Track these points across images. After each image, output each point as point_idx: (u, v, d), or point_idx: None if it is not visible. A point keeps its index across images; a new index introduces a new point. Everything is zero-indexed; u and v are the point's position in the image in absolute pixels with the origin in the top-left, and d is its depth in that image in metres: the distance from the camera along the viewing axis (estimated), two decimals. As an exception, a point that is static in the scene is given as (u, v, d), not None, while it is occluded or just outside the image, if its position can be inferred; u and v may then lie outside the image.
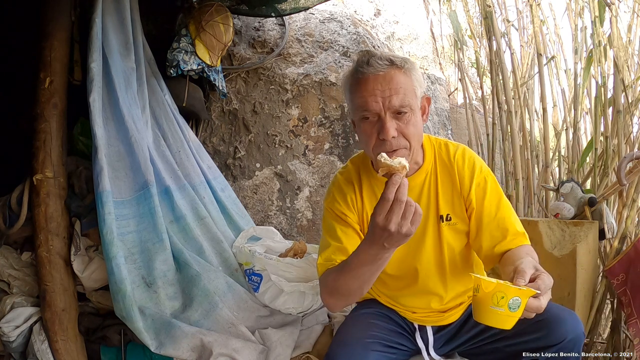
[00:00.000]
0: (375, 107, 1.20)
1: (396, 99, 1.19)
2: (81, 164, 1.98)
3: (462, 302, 1.46)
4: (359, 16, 3.53)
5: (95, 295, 1.85)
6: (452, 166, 1.35)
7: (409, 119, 1.21)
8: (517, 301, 0.88)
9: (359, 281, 1.16)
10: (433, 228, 1.36)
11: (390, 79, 1.20)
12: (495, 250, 1.29)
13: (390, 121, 1.20)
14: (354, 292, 1.20)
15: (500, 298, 0.88)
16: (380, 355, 1.28)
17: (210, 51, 2.37)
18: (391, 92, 1.19)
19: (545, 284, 0.98)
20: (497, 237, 1.29)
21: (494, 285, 0.89)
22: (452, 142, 1.41)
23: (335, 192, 1.40)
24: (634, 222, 2.03)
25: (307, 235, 2.67)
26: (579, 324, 1.21)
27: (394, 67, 1.22)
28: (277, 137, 2.73)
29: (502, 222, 1.30)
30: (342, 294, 1.22)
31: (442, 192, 1.35)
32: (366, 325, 1.37)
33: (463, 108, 3.42)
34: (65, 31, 1.92)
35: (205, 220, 2.07)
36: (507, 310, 0.88)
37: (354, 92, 1.25)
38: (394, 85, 1.20)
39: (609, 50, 2.24)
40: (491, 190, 1.33)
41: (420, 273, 1.39)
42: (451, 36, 3.40)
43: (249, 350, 1.62)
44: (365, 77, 1.21)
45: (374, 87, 1.20)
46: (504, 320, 0.90)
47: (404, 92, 1.20)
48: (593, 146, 2.19)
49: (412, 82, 1.24)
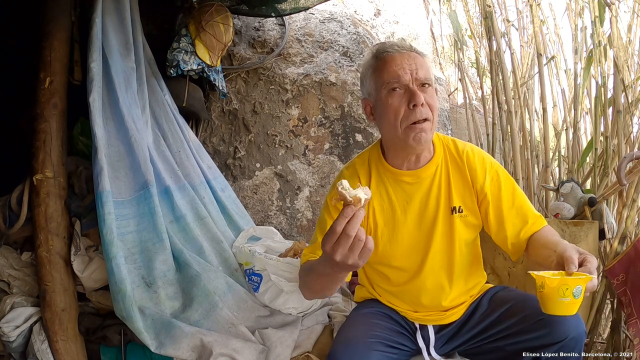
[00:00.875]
0: (405, 78, 1.29)
1: (422, 72, 1.30)
2: (81, 164, 1.98)
3: (464, 301, 1.45)
4: (359, 16, 3.53)
5: (95, 295, 1.85)
6: (461, 160, 1.40)
7: (432, 92, 1.31)
8: (579, 289, 0.98)
9: (320, 286, 1.27)
10: (444, 220, 1.38)
11: (414, 57, 1.32)
12: (521, 237, 1.35)
13: (416, 94, 1.28)
14: (317, 292, 1.34)
15: (565, 290, 0.98)
16: (382, 355, 1.29)
17: (210, 51, 2.37)
18: (417, 66, 1.30)
19: (593, 265, 1.05)
20: (519, 224, 1.35)
21: (557, 281, 0.98)
22: (459, 140, 1.46)
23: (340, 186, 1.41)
24: (634, 222, 2.03)
25: (307, 235, 2.67)
26: (580, 323, 1.21)
27: (413, 51, 1.35)
28: (277, 137, 2.73)
29: (521, 209, 1.37)
30: (308, 290, 1.34)
31: (454, 184, 1.39)
32: (368, 325, 1.37)
33: (463, 108, 3.42)
34: (65, 31, 1.92)
35: (205, 220, 2.07)
36: (572, 299, 0.98)
37: (380, 70, 1.33)
38: (419, 61, 1.31)
39: (609, 50, 2.24)
40: (505, 182, 1.39)
41: (427, 265, 1.39)
42: (451, 36, 3.39)
43: (249, 350, 1.62)
44: (391, 55, 1.32)
45: (401, 61, 1.30)
46: (571, 308, 1.00)
47: (426, 68, 1.32)
48: (593, 146, 2.19)
49: (430, 69, 1.35)
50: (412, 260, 1.41)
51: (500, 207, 1.36)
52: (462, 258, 1.41)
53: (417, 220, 1.39)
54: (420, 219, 1.39)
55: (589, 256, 1.07)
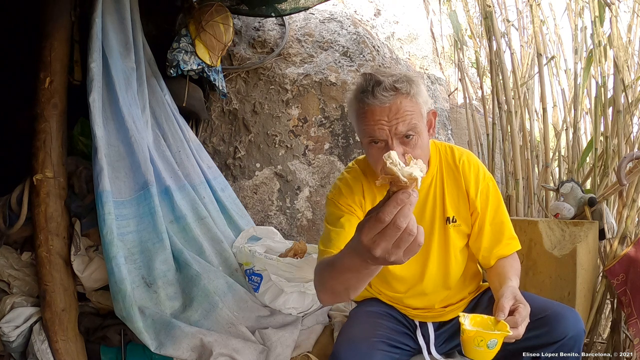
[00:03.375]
0: (382, 135, 1.22)
1: (402, 126, 1.20)
2: (81, 164, 1.98)
3: (463, 298, 1.48)
4: (359, 16, 3.53)
5: (95, 295, 1.85)
6: (457, 169, 1.39)
7: (415, 142, 1.23)
8: (494, 342, 1.06)
9: (343, 285, 1.03)
10: (439, 230, 1.39)
11: (396, 110, 1.20)
12: (492, 253, 1.39)
13: (398, 147, 1.21)
14: (339, 293, 1.08)
15: (480, 341, 1.05)
16: (385, 355, 1.29)
17: (210, 51, 2.37)
18: (398, 121, 1.20)
19: (521, 316, 1.10)
20: (494, 241, 1.39)
21: (474, 332, 1.07)
22: (457, 146, 1.45)
23: (342, 186, 1.40)
24: (634, 222, 2.03)
25: (307, 235, 2.67)
26: (579, 322, 1.23)
27: (399, 96, 1.21)
28: (277, 137, 2.73)
29: (499, 227, 1.39)
30: (328, 292, 1.12)
31: (448, 194, 1.39)
32: (371, 324, 1.38)
33: (463, 108, 3.42)
34: (65, 31, 1.92)
35: (205, 220, 2.07)
36: (486, 349, 1.06)
37: (360, 119, 1.26)
38: (401, 114, 1.20)
39: (609, 50, 2.24)
40: (493, 196, 1.40)
41: (426, 275, 1.41)
42: (451, 36, 3.39)
43: (249, 350, 1.62)
44: (371, 108, 1.22)
45: (380, 117, 1.21)
46: (485, 357, 1.07)
47: (410, 118, 1.21)
48: (593, 146, 2.19)
49: (419, 105, 1.25)
50: (412, 271, 1.42)
51: (483, 219, 1.39)
52: (458, 265, 1.43)
53: None
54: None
55: (521, 306, 1.12)
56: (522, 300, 1.14)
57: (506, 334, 1.06)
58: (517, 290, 1.19)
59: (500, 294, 1.17)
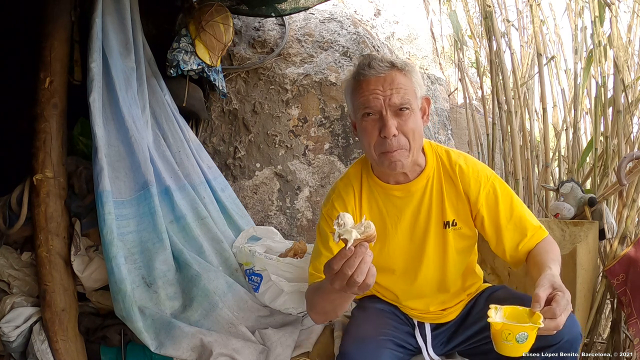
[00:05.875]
0: (377, 104, 1.24)
1: (397, 97, 1.23)
2: (81, 164, 1.98)
3: (461, 300, 1.47)
4: (359, 16, 3.53)
5: (95, 295, 1.85)
6: (454, 172, 1.36)
7: (408, 116, 1.25)
8: (523, 335, 0.99)
9: (331, 305, 1.21)
10: (436, 234, 1.37)
11: (391, 80, 1.24)
12: (519, 249, 1.33)
13: (392, 119, 1.23)
14: (328, 313, 1.27)
15: (508, 334, 1.00)
16: (392, 354, 1.30)
17: (210, 51, 2.37)
18: (392, 91, 1.23)
19: (560, 305, 1.02)
20: (517, 237, 1.33)
21: (500, 325, 1.01)
22: (454, 150, 1.43)
23: (335, 199, 1.41)
24: (634, 222, 2.04)
25: (307, 235, 2.67)
26: (575, 325, 1.21)
27: (394, 69, 1.26)
28: (277, 137, 2.73)
29: (520, 222, 1.34)
30: (318, 312, 1.28)
31: (447, 197, 1.36)
32: (378, 322, 1.39)
33: (463, 108, 3.42)
34: (65, 31, 1.92)
35: (205, 220, 2.07)
36: (515, 343, 0.99)
37: (356, 93, 1.28)
38: (395, 85, 1.24)
39: (609, 50, 2.24)
40: (502, 195, 1.35)
41: (420, 279, 1.40)
42: (451, 36, 3.39)
43: (249, 350, 1.62)
44: (366, 78, 1.26)
45: (375, 86, 1.24)
46: (515, 351, 1.01)
47: (404, 91, 1.24)
48: (593, 146, 2.19)
49: (412, 83, 1.28)
50: (405, 275, 1.41)
51: (497, 221, 1.34)
52: (456, 267, 1.41)
53: (408, 234, 1.38)
54: (412, 232, 1.38)
55: (559, 294, 1.04)
56: (561, 288, 1.06)
57: (537, 327, 0.98)
58: (555, 278, 1.11)
59: (536, 283, 1.10)
